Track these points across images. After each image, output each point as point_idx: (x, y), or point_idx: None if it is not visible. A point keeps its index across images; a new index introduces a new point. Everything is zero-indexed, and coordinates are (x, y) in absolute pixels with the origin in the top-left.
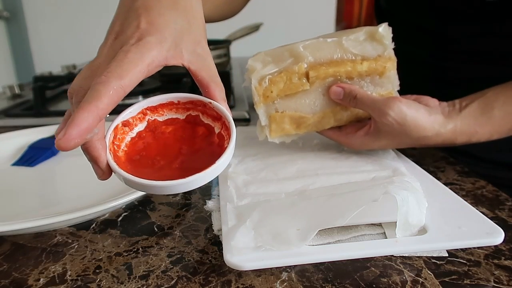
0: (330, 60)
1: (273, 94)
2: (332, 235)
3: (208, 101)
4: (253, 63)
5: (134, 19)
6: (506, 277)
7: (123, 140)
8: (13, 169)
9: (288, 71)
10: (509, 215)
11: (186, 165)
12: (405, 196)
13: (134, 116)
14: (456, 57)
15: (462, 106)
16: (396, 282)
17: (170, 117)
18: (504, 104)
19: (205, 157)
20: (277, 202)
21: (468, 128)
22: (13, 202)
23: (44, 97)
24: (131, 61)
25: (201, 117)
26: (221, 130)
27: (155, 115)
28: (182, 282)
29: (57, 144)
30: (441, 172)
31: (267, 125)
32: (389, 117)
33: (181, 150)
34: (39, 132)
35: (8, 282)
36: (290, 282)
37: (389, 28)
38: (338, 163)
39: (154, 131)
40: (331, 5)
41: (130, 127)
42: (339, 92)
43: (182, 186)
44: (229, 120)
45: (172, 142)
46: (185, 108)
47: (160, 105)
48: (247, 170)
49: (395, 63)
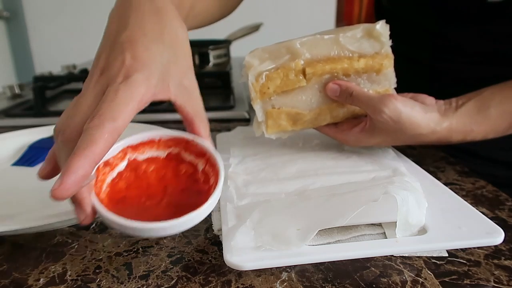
0: (327, 57)
1: (269, 90)
2: (332, 235)
3: (191, 137)
4: (251, 60)
5: (119, 53)
6: (506, 277)
7: (104, 181)
8: (13, 169)
9: (285, 68)
10: (509, 215)
11: (174, 205)
12: (405, 196)
13: (115, 156)
14: (455, 57)
15: (458, 104)
16: (396, 282)
17: (151, 156)
18: (501, 103)
19: (192, 196)
20: (277, 202)
21: (463, 126)
22: (13, 202)
23: (44, 97)
24: (122, 101)
25: (183, 155)
26: (205, 166)
27: (136, 153)
28: (182, 282)
29: (53, 194)
30: (441, 172)
31: (263, 121)
32: (384, 115)
33: (166, 190)
34: (39, 132)
35: (8, 282)
36: (290, 282)
37: (386, 26)
38: (338, 163)
39: (135, 170)
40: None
41: (111, 167)
42: (335, 89)
43: (175, 228)
44: (214, 156)
45: (155, 181)
46: (166, 145)
47: (141, 143)
48: (247, 170)
49: (392, 61)
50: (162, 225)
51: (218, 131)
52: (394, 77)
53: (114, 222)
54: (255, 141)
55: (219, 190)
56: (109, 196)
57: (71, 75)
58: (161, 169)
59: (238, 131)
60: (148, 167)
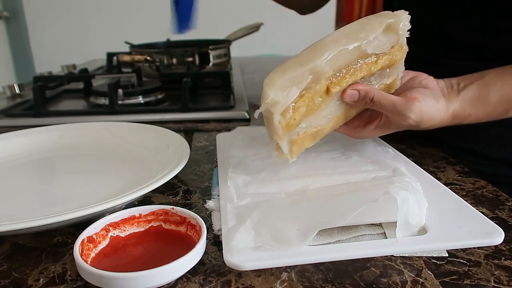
0: (347, 66)
1: (296, 120)
2: (332, 235)
3: (170, 207)
4: (275, 96)
5: None
6: (506, 277)
7: (88, 256)
8: (13, 169)
9: (309, 92)
10: (509, 215)
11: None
12: (405, 196)
13: (98, 233)
14: (454, 53)
15: (460, 87)
16: (396, 282)
17: (132, 232)
18: (501, 89)
19: (176, 255)
20: (277, 202)
21: (463, 111)
22: (13, 202)
23: (44, 97)
24: None
25: (163, 226)
26: (187, 231)
27: (117, 230)
28: (182, 282)
29: None
30: (441, 172)
31: (289, 152)
32: (410, 120)
33: (152, 260)
34: (39, 132)
35: (8, 282)
36: (290, 282)
37: (406, 14)
38: (338, 163)
39: (117, 247)
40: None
41: (94, 244)
42: (354, 95)
43: (165, 273)
44: (194, 217)
45: (138, 256)
46: (146, 220)
47: (122, 220)
48: (247, 170)
49: (405, 53)
50: (149, 272)
51: (218, 131)
52: (403, 65)
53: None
54: (255, 141)
55: (203, 241)
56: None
57: (71, 75)
58: (143, 243)
59: (238, 131)
60: (129, 242)
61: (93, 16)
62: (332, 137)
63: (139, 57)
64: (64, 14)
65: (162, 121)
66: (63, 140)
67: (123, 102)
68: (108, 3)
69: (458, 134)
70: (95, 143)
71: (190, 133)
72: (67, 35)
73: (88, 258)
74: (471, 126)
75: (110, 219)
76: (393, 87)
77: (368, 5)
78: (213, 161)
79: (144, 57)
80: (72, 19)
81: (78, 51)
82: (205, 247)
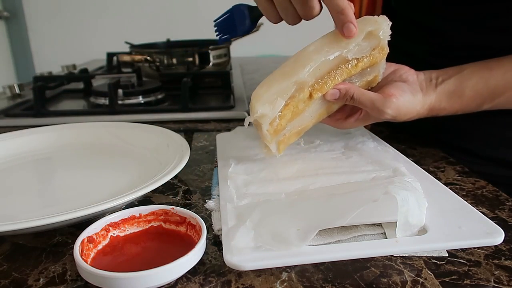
0: (329, 73)
1: (282, 126)
2: (332, 235)
3: (170, 207)
4: (262, 110)
5: None
6: (506, 277)
7: (88, 256)
8: (13, 169)
9: (294, 101)
10: (509, 215)
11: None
12: (405, 196)
13: (98, 233)
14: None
15: (438, 81)
16: (396, 282)
17: (132, 232)
18: (476, 85)
19: (176, 255)
20: (277, 202)
21: (439, 105)
22: (13, 202)
23: (44, 97)
24: None
25: (163, 226)
26: (187, 231)
27: (117, 230)
28: (182, 282)
29: None
30: (441, 172)
31: (276, 150)
32: (387, 115)
33: (152, 260)
34: (39, 132)
35: (8, 282)
36: (290, 282)
37: (386, 20)
38: (338, 163)
39: (117, 247)
40: None
41: (94, 244)
42: (335, 93)
43: (165, 273)
44: (194, 217)
45: (138, 256)
46: (146, 220)
47: (122, 220)
48: (247, 170)
49: (386, 54)
50: (149, 272)
51: (218, 131)
52: (384, 63)
53: (99, 275)
54: (255, 142)
55: (203, 242)
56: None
57: (71, 75)
58: (143, 243)
59: (238, 131)
60: (130, 243)
61: (93, 16)
62: (332, 137)
63: (139, 57)
64: (64, 14)
65: (162, 121)
66: (63, 140)
67: (123, 102)
68: (108, 3)
69: (458, 134)
70: (95, 143)
71: (190, 133)
72: (67, 35)
73: (88, 258)
74: (472, 127)
75: (110, 219)
76: (375, 82)
77: (368, 5)
78: (213, 161)
79: (144, 57)
80: (72, 19)
81: (78, 51)
82: (205, 247)
